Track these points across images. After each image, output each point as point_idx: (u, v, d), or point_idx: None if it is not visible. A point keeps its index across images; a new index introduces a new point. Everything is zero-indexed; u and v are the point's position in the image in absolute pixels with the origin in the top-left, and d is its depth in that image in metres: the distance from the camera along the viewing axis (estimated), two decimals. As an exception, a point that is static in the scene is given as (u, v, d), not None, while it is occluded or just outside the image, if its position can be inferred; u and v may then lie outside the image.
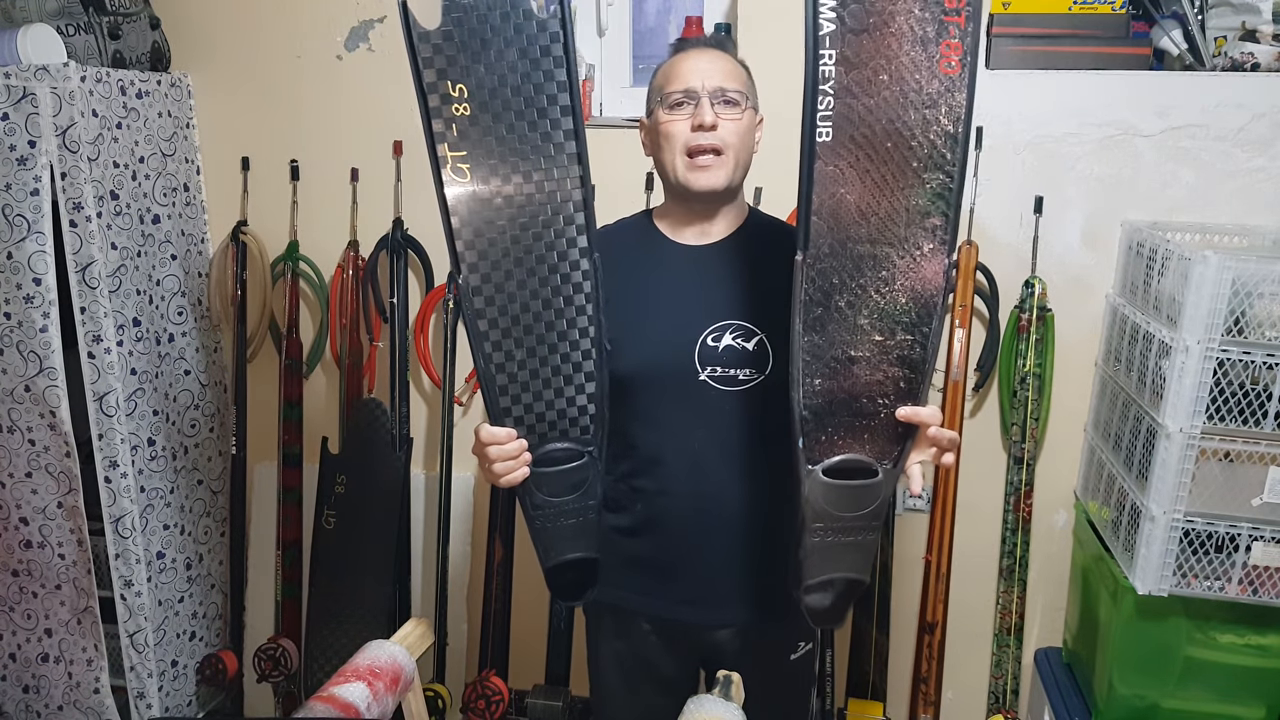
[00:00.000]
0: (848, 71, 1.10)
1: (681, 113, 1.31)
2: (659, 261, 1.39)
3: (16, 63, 1.94)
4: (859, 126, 1.12)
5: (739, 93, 1.31)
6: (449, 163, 1.17)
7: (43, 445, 2.07)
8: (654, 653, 1.51)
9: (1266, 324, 1.57)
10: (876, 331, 1.18)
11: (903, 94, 1.11)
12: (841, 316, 1.17)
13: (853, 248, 1.15)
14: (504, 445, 1.24)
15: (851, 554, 1.24)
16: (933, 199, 1.14)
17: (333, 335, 2.32)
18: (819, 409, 1.19)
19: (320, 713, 1.19)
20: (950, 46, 1.10)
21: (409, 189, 2.23)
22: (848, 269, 1.16)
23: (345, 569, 2.21)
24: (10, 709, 2.31)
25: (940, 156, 1.13)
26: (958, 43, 1.10)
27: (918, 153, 1.13)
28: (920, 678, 2.12)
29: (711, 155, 1.30)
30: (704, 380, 1.33)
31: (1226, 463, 1.63)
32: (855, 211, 1.14)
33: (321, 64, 2.23)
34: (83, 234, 1.99)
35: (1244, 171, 1.87)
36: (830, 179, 1.13)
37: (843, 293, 1.16)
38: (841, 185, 1.13)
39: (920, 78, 1.11)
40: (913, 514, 2.15)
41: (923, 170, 1.13)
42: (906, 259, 1.16)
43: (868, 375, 1.18)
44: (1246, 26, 1.85)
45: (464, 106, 1.16)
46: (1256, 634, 1.72)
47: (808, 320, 1.16)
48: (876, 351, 1.18)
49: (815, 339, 1.17)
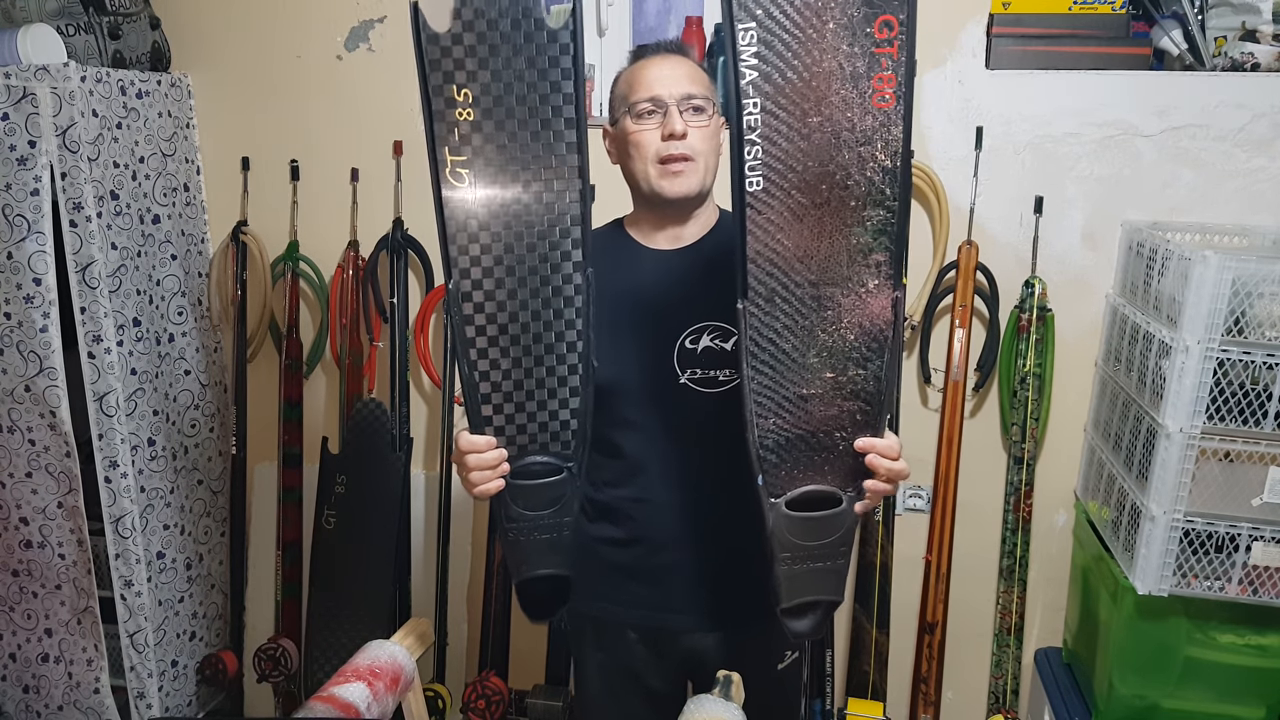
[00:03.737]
0: (775, 117, 1.07)
1: (650, 121, 1.30)
2: (633, 268, 1.39)
3: (16, 63, 1.94)
4: (791, 172, 1.09)
5: (705, 99, 1.31)
6: (449, 166, 1.16)
7: (43, 445, 2.07)
8: (640, 663, 1.50)
9: (1266, 324, 1.57)
10: (827, 369, 1.16)
11: (835, 134, 1.08)
12: (789, 358, 1.15)
13: (795, 291, 1.13)
14: (483, 454, 1.23)
15: (823, 578, 1.24)
16: (874, 235, 1.12)
17: (333, 335, 2.32)
18: (776, 446, 1.18)
19: (320, 713, 1.19)
20: (883, 80, 1.07)
21: (409, 189, 2.23)
22: (792, 312, 1.14)
23: (345, 569, 2.21)
24: (10, 709, 2.31)
25: (879, 193, 1.10)
26: (890, 74, 1.06)
27: (855, 191, 1.10)
28: (920, 678, 2.13)
29: (683, 162, 1.30)
30: (684, 384, 1.33)
31: (1226, 463, 1.63)
32: (794, 256, 1.12)
33: (321, 64, 2.23)
34: (83, 234, 1.99)
35: (1244, 171, 1.87)
36: (765, 226, 1.10)
37: (789, 335, 1.14)
38: (778, 231, 1.11)
39: (853, 115, 1.07)
40: (913, 514, 2.15)
41: (862, 208, 1.10)
42: (851, 297, 1.14)
43: (823, 411, 1.17)
44: (1246, 26, 1.85)
45: (468, 111, 1.14)
46: (1256, 634, 1.72)
47: (756, 364, 1.14)
48: (829, 388, 1.16)
49: (765, 381, 1.15)
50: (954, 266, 1.99)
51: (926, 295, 2.01)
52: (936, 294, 2.02)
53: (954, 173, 1.97)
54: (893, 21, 1.05)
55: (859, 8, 1.05)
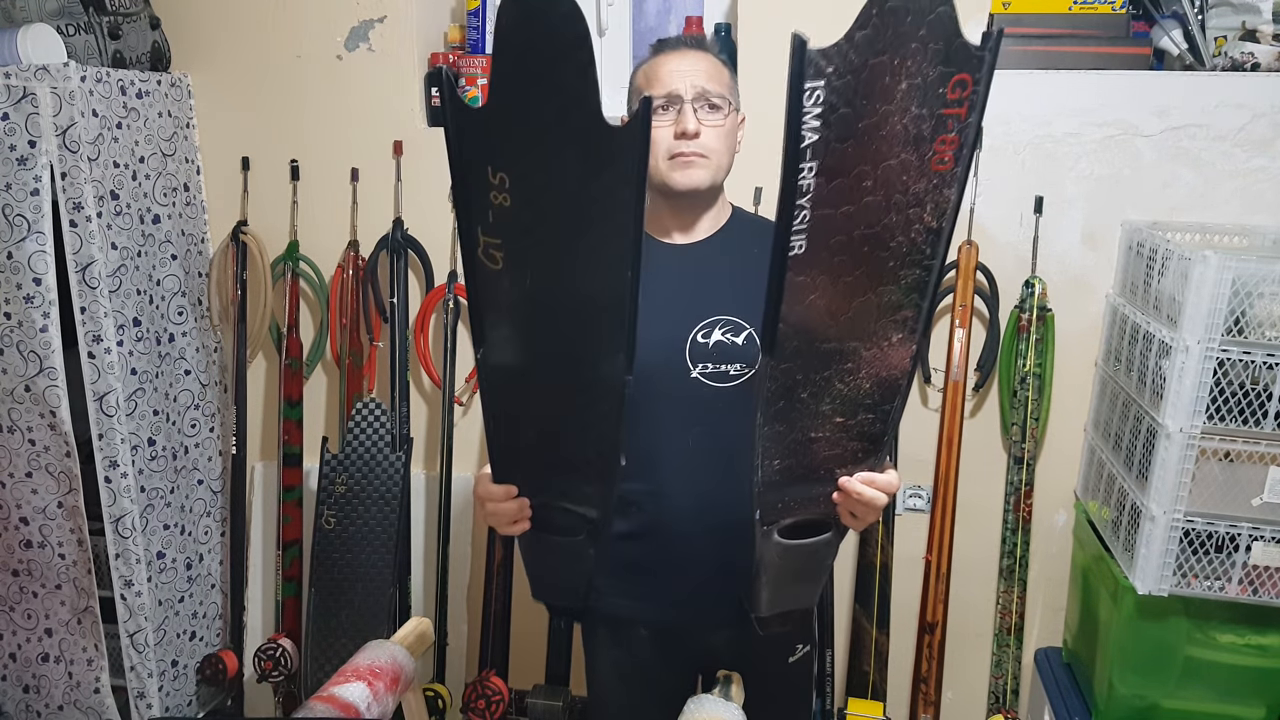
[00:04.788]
0: (829, 182, 0.97)
1: (665, 117, 1.30)
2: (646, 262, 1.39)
3: (16, 63, 1.94)
4: (835, 235, 1.01)
5: (722, 96, 1.31)
6: (481, 246, 1.03)
7: (43, 445, 2.07)
8: (652, 660, 1.50)
9: (1267, 324, 1.57)
10: (838, 414, 1.12)
11: (886, 198, 0.99)
12: (804, 406, 1.11)
13: (819, 346, 1.08)
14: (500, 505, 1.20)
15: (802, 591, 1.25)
16: (906, 293, 1.06)
17: (333, 335, 2.32)
18: (776, 483, 1.15)
19: (320, 713, 1.19)
20: (946, 142, 0.97)
21: (409, 189, 2.23)
22: (813, 365, 1.09)
23: (345, 569, 2.21)
24: (10, 709, 2.31)
25: (919, 252, 1.03)
26: (954, 136, 0.97)
27: (896, 252, 1.03)
28: (920, 678, 2.12)
29: (694, 156, 1.30)
30: (695, 378, 1.33)
31: (1226, 463, 1.63)
32: (825, 314, 1.05)
33: (321, 64, 2.23)
34: (83, 234, 1.99)
35: (1244, 171, 1.87)
36: (801, 288, 1.03)
37: (806, 386, 1.10)
38: (813, 292, 1.04)
39: (908, 178, 0.99)
40: (913, 514, 2.15)
41: (899, 268, 1.04)
42: (874, 350, 1.09)
43: (826, 451, 1.14)
44: (1246, 26, 1.85)
45: (503, 196, 1.00)
46: (1257, 634, 1.72)
47: (770, 414, 1.10)
48: (837, 431, 1.13)
49: (777, 428, 1.11)
50: (954, 266, 1.99)
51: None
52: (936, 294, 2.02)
53: (954, 173, 1.97)
54: (967, 80, 0.95)
55: (934, 66, 0.94)
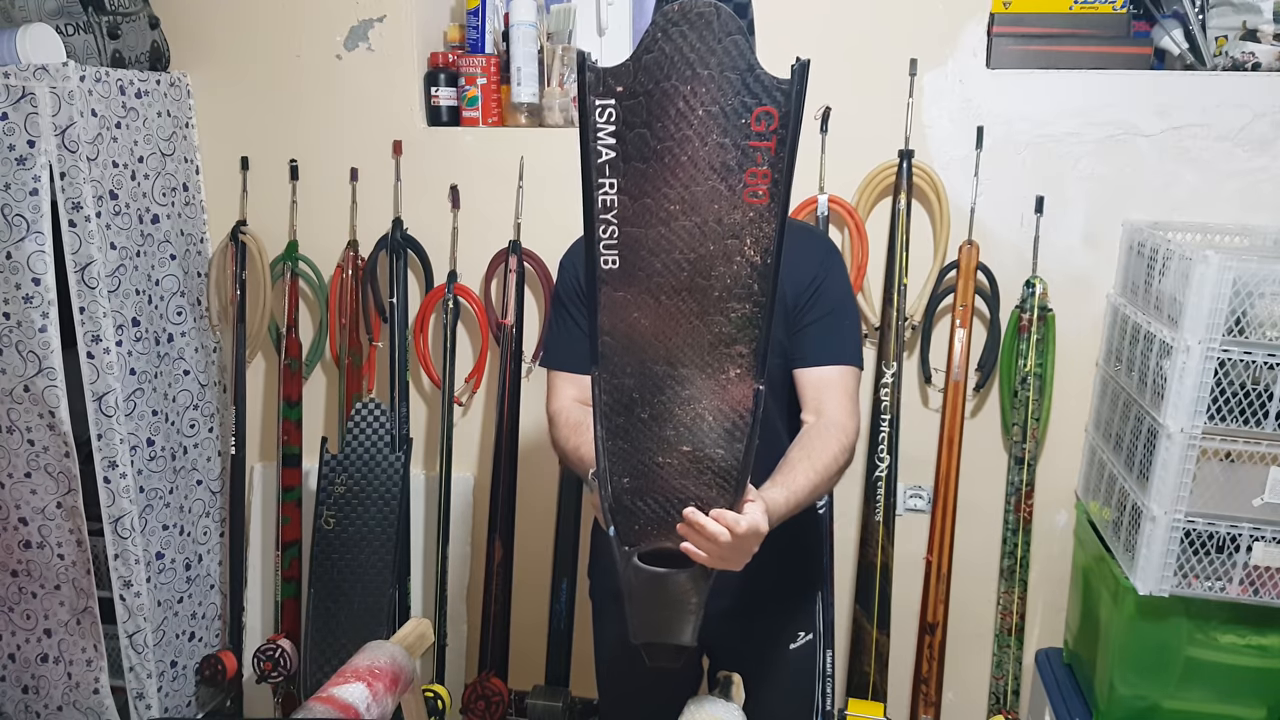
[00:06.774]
0: (633, 200, 1.00)
1: None
2: None
3: (16, 62, 1.93)
4: (650, 256, 1.03)
5: None
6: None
7: (42, 445, 2.07)
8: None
9: (1267, 324, 1.57)
10: (684, 443, 1.13)
11: (700, 225, 1.01)
12: (645, 427, 1.12)
13: (650, 367, 1.09)
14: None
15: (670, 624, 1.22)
16: (739, 327, 1.06)
17: (332, 335, 2.32)
18: (629, 504, 1.16)
19: (320, 713, 1.19)
20: (756, 175, 0.98)
21: (409, 189, 2.23)
22: (646, 386, 1.10)
23: (345, 569, 2.21)
24: (10, 709, 2.31)
25: (746, 287, 1.04)
26: (765, 170, 0.98)
27: (719, 283, 1.04)
28: (921, 678, 2.12)
29: None
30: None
31: (1227, 463, 1.63)
32: (650, 334, 1.08)
33: (321, 64, 2.23)
34: (82, 234, 1.99)
35: (1245, 171, 1.87)
36: (620, 304, 1.06)
37: (644, 406, 1.11)
38: (634, 309, 1.06)
39: (720, 208, 1.01)
40: (913, 514, 2.15)
41: (726, 300, 1.05)
42: (711, 381, 1.10)
43: (678, 480, 1.15)
44: (1247, 26, 1.84)
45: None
46: (1257, 634, 1.72)
47: (610, 427, 1.12)
48: (685, 460, 1.14)
49: (621, 444, 1.13)
50: (955, 266, 1.98)
51: (927, 295, 2.01)
52: (937, 294, 2.02)
53: (955, 172, 1.97)
54: (772, 114, 0.96)
55: (734, 96, 0.96)
